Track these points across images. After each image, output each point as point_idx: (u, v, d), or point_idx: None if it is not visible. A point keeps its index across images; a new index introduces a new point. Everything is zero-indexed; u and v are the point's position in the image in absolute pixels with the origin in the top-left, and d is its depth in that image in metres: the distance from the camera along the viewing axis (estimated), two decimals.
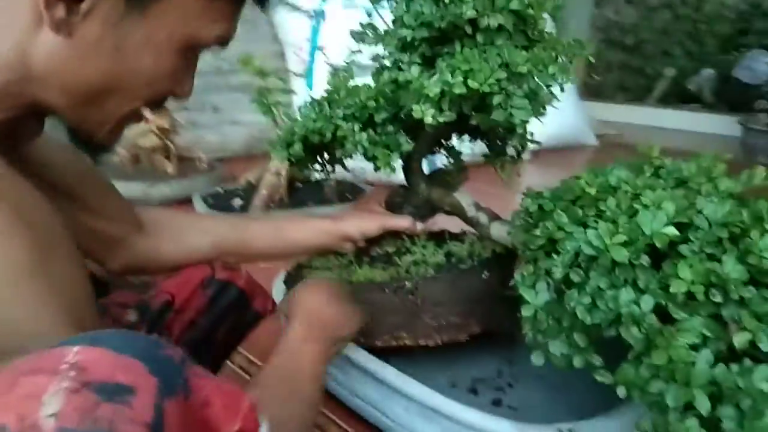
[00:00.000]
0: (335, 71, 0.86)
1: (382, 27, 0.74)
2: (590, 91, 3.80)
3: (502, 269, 0.82)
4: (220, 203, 1.59)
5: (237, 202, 1.57)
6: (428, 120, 0.64)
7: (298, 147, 0.79)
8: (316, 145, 0.79)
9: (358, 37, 0.73)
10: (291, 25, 2.25)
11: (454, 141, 0.93)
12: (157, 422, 0.33)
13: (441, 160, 0.95)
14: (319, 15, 2.15)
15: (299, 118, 0.81)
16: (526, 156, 0.87)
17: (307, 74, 1.91)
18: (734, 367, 0.50)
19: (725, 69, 2.83)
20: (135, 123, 0.59)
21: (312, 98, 0.80)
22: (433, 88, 0.63)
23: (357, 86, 0.77)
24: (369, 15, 0.78)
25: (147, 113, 0.61)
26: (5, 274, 0.42)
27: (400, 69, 0.73)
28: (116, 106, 0.54)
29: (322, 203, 1.51)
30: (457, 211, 0.86)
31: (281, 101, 1.33)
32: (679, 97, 3.64)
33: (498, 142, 0.90)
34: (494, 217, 0.83)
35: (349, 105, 0.76)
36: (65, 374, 0.32)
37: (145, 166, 1.76)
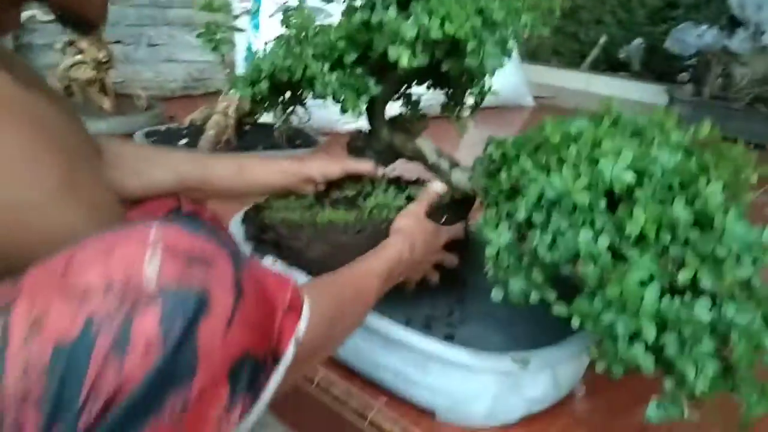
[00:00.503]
0: (287, 10, 0.85)
1: None
2: (526, 54, 3.89)
3: (459, 214, 0.86)
4: (164, 142, 1.53)
5: (182, 142, 1.53)
6: (403, 63, 0.65)
7: (264, 85, 0.78)
8: (282, 84, 0.78)
9: None
10: None
11: (412, 89, 0.94)
12: (239, 287, 0.38)
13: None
14: None
15: (263, 55, 0.80)
16: (465, 113, 0.90)
17: (253, 14, 1.85)
18: (678, 300, 0.56)
19: (654, 40, 2.96)
20: None
21: (281, 35, 0.79)
22: (409, 30, 0.64)
23: (327, 25, 0.77)
24: None
25: (82, 43, 0.60)
26: (39, 193, 0.40)
27: (372, 10, 0.73)
28: None
29: (271, 148, 1.49)
30: (419, 157, 0.88)
31: (228, 38, 1.28)
32: (610, 64, 3.80)
33: (459, 92, 0.92)
34: (454, 163, 0.86)
35: (317, 44, 0.76)
36: (155, 244, 0.35)
37: (78, 99, 1.66)
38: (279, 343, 0.43)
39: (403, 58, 0.65)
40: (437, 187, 0.83)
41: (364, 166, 0.87)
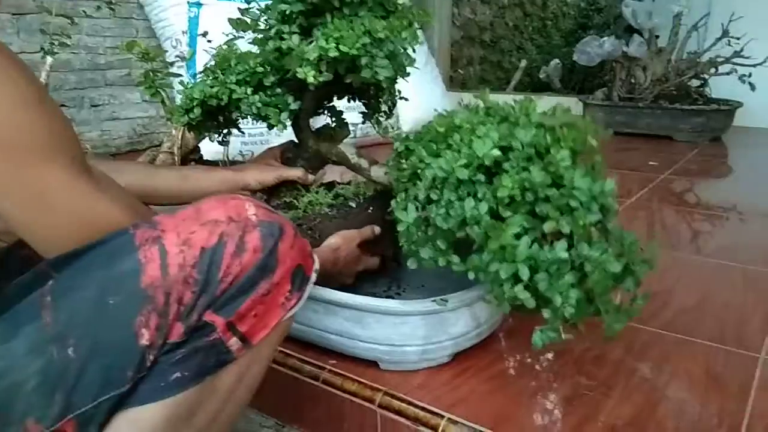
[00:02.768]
0: (217, 54, 0.97)
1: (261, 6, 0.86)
2: (456, 84, 4.26)
3: (383, 205, 0.99)
4: None
5: None
6: (310, 80, 0.78)
7: (197, 111, 0.89)
8: (213, 108, 0.90)
9: (236, 24, 0.84)
10: (168, 19, 2.34)
11: (335, 102, 1.07)
12: (295, 228, 0.58)
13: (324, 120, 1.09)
14: (196, 6, 2.25)
15: (196, 85, 0.92)
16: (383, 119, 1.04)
17: (190, 60, 2.00)
18: (546, 246, 0.69)
19: (570, 59, 3.24)
20: None
21: (206, 67, 0.91)
22: (312, 53, 0.76)
23: (246, 53, 0.89)
24: (248, 2, 0.90)
25: None
26: (17, 101, 0.48)
27: (281, 38, 0.86)
28: None
29: None
30: (342, 160, 1.01)
31: (167, 83, 1.38)
32: (533, 85, 4.11)
33: (372, 101, 1.06)
34: (373, 161, 0.99)
35: (240, 71, 0.88)
36: (248, 201, 0.56)
37: None
38: (308, 270, 0.61)
39: (310, 76, 0.78)
40: (376, 230, 0.97)
41: (295, 172, 0.99)
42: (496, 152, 0.70)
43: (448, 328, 0.87)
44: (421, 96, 2.53)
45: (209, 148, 1.50)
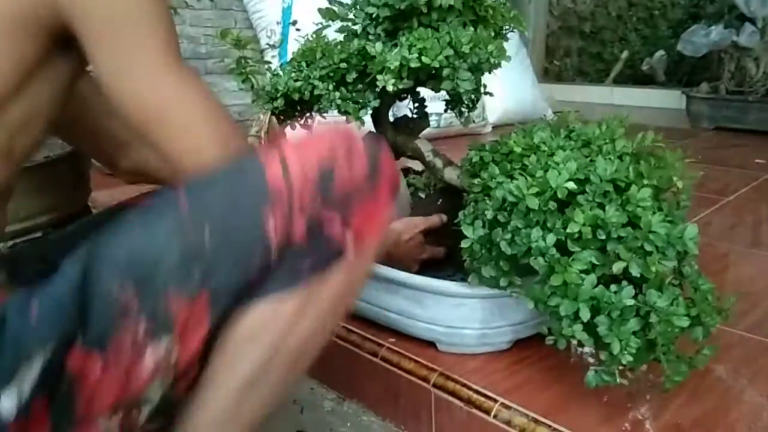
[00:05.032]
0: (305, 44, 0.97)
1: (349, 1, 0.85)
2: (551, 76, 4.06)
3: (452, 201, 0.98)
4: None
5: None
6: (389, 87, 0.77)
7: (280, 101, 0.91)
8: (295, 100, 0.92)
9: (325, 13, 0.84)
10: (264, 9, 2.40)
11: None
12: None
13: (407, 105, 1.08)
14: None
15: (282, 75, 0.93)
16: (488, 129, 1.01)
17: (281, 49, 2.03)
18: (613, 287, 0.67)
19: (675, 51, 3.00)
20: None
21: (293, 57, 0.92)
22: (393, 61, 0.75)
23: (331, 48, 0.89)
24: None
25: None
26: None
27: (368, 36, 0.85)
28: None
29: None
30: (417, 156, 1.00)
31: (258, 70, 1.40)
32: (634, 77, 3.86)
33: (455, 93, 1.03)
34: (448, 162, 0.98)
35: (324, 66, 0.89)
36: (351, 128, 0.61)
37: None
38: (397, 186, 0.63)
39: (389, 84, 0.77)
40: (443, 218, 0.96)
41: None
42: (571, 185, 0.68)
43: (508, 314, 0.86)
44: (509, 86, 2.45)
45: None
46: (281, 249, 0.53)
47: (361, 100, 0.90)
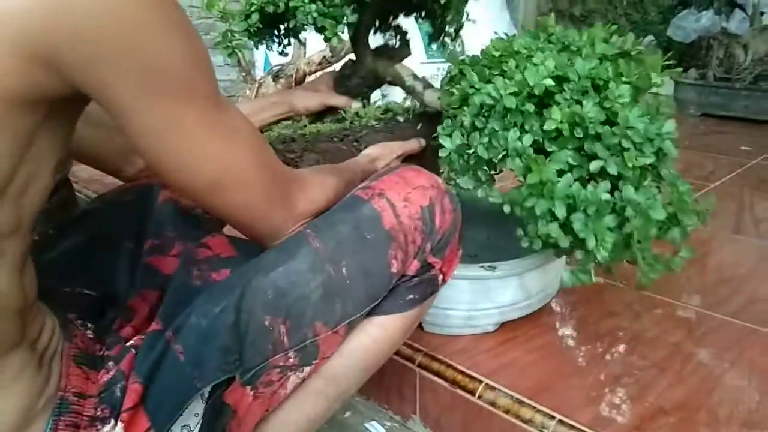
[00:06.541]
0: None
1: None
2: None
3: (432, 124, 0.96)
4: None
5: None
6: None
7: (255, 17, 0.89)
8: (271, 15, 0.89)
9: None
10: None
11: (401, 21, 1.04)
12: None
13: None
14: None
15: None
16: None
17: None
18: (590, 186, 0.66)
19: (665, 37, 2.99)
20: None
21: None
22: None
23: None
24: None
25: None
26: (168, 25, 0.46)
27: None
28: None
29: None
30: (397, 81, 0.98)
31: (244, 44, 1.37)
32: None
33: (438, 20, 1.01)
34: (428, 85, 0.96)
35: None
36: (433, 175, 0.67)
37: None
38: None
39: None
40: (422, 143, 0.94)
41: (339, 100, 0.98)
42: (549, 82, 0.66)
43: (495, 296, 0.86)
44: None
45: None
46: (398, 282, 0.64)
47: (337, 16, 0.87)
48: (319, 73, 1.81)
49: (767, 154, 2.10)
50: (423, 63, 2.42)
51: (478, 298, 0.87)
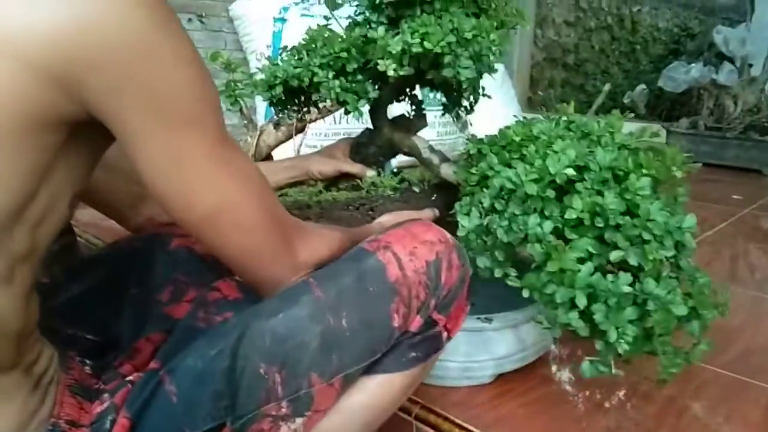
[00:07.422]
0: (306, 33, 0.97)
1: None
2: (534, 105, 4.17)
3: (447, 196, 0.97)
4: None
5: None
6: (390, 73, 0.77)
7: (279, 89, 0.90)
8: (294, 88, 0.91)
9: (331, 4, 0.84)
10: (254, 33, 2.40)
11: (417, 91, 1.06)
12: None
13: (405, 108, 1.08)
14: (280, 21, 2.28)
15: (281, 63, 0.93)
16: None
17: None
18: (610, 276, 0.66)
19: (656, 86, 3.10)
20: None
21: (292, 46, 0.92)
22: (395, 46, 0.75)
23: (332, 37, 0.89)
24: (327, 19, 0.90)
25: None
26: (179, 58, 0.49)
27: (369, 26, 0.85)
28: None
29: None
30: (414, 152, 1.00)
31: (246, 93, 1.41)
32: (616, 109, 3.98)
33: (454, 94, 1.04)
34: (444, 158, 0.97)
35: (324, 55, 0.88)
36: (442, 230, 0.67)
37: None
38: None
39: (390, 69, 0.77)
40: (436, 212, 0.94)
41: (355, 167, 1.00)
42: (570, 171, 0.67)
43: (491, 348, 0.85)
44: (494, 116, 2.47)
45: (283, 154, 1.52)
46: (399, 338, 0.62)
47: (359, 92, 0.89)
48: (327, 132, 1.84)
49: (759, 202, 2.13)
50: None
51: (475, 350, 0.86)
